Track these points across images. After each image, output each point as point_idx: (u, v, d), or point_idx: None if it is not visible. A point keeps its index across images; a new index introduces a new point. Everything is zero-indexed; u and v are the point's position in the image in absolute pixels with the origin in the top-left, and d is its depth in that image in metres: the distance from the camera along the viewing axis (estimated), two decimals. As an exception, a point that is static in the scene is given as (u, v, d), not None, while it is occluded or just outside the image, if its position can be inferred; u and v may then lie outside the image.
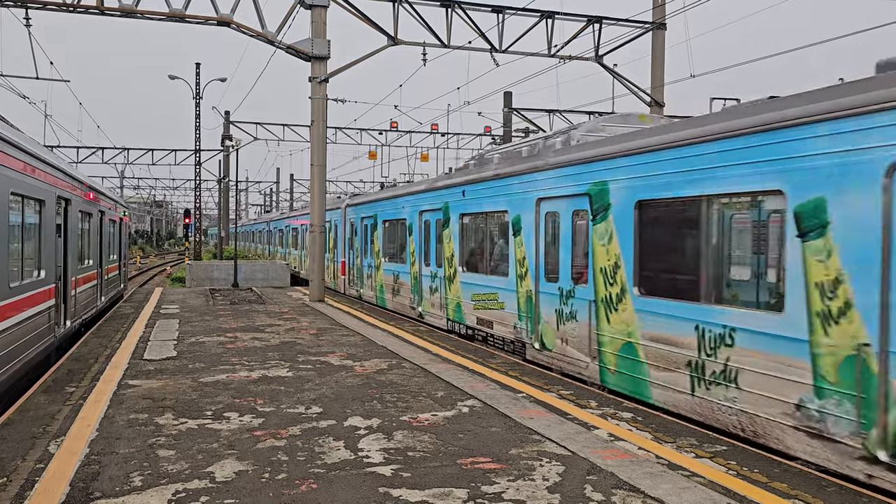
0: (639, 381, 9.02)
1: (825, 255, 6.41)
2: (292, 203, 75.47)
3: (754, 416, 7.09)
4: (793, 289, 6.72)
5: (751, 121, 7.32)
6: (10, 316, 9.12)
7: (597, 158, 10.09)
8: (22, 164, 9.70)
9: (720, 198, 7.85)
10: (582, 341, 10.34)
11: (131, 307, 19.42)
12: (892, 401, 5.75)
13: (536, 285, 11.71)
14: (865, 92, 6.15)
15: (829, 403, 6.29)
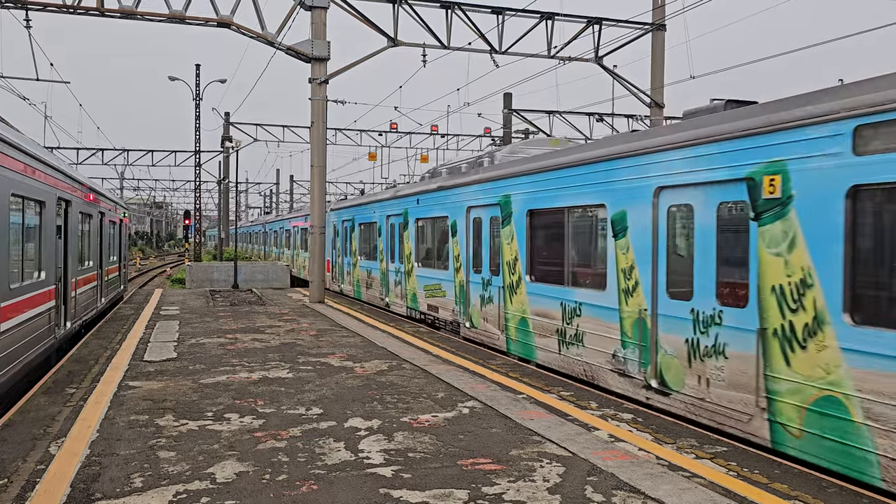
0: (529, 346, 11.79)
1: (625, 250, 9.26)
2: (292, 204, 75.51)
3: (592, 365, 9.97)
4: (610, 273, 9.58)
5: (586, 155, 10.21)
6: (10, 317, 9.12)
7: (504, 176, 12.73)
8: (22, 166, 9.71)
9: (574, 209, 10.71)
10: (495, 319, 13.09)
11: (131, 308, 19.43)
12: (659, 347, 8.58)
13: (467, 276, 14.43)
14: (654, 137, 8.88)
15: (628, 351, 9.13)
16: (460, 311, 14.75)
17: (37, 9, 18.83)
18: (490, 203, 13.25)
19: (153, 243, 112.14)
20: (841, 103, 6.30)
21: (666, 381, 8.41)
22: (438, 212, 15.92)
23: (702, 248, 7.97)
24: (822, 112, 6.46)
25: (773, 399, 6.89)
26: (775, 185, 7.04)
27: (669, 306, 8.39)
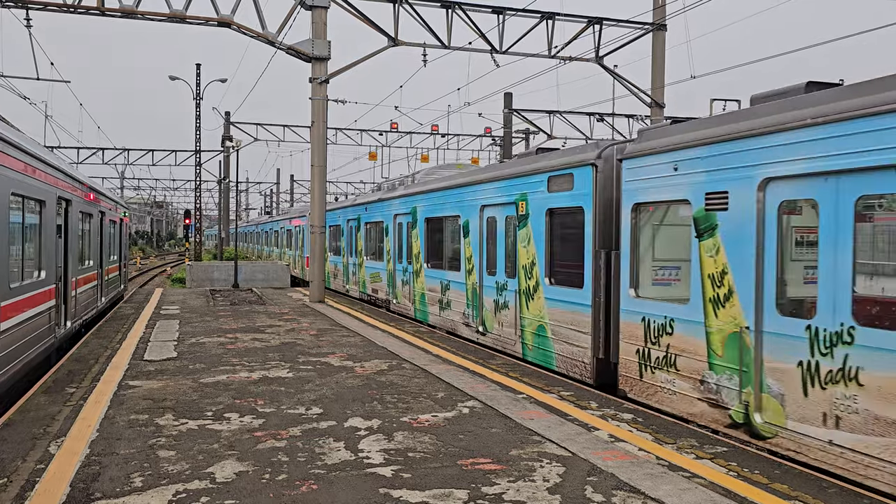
0: (427, 313, 16.95)
1: (469, 246, 14.56)
2: (292, 204, 75.50)
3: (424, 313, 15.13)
4: (464, 257, 14.84)
5: (457, 182, 15.39)
6: (10, 317, 9.12)
7: (413, 193, 18.27)
8: (22, 165, 9.70)
9: (447, 218, 16.12)
10: (409, 295, 18.28)
11: (132, 308, 19.43)
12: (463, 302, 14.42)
13: (394, 266, 19.56)
14: (500, 170, 13.19)
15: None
16: (390, 291, 20.20)
17: (37, 8, 18.82)
18: (405, 212, 18.79)
19: (153, 243, 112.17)
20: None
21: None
22: (378, 218, 21.46)
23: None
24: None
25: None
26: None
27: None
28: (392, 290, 19.44)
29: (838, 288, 6.24)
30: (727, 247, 7.61)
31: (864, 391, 5.95)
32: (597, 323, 10.20)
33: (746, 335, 7.26)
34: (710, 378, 7.79)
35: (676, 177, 8.52)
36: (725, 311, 7.58)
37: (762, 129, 7.20)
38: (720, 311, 7.66)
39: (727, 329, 7.56)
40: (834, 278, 6.28)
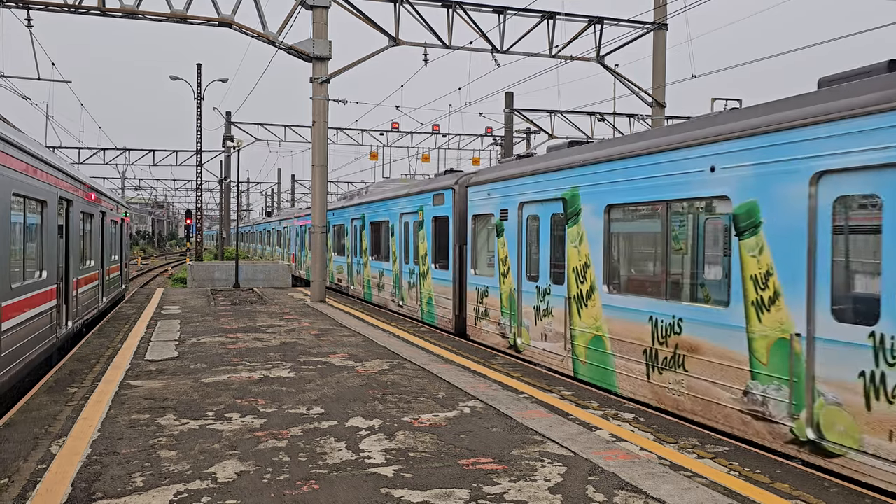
0: (371, 294, 21.65)
1: (394, 243, 19.33)
2: (293, 204, 75.50)
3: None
4: (391, 251, 19.43)
5: (386, 196, 19.99)
6: (12, 316, 9.13)
7: (362, 203, 23.00)
8: (24, 165, 9.71)
9: (382, 222, 20.47)
10: (361, 282, 23.08)
11: (133, 308, 19.43)
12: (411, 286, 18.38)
13: (351, 260, 24.59)
14: (419, 187, 17.37)
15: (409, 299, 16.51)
16: (350, 279, 25.06)
17: (38, 8, 18.83)
18: (357, 217, 23.58)
19: (154, 243, 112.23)
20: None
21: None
22: (342, 221, 26.10)
23: None
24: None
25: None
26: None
27: None
28: (350, 279, 24.97)
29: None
30: (508, 242, 12.68)
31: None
32: (455, 292, 15.27)
33: (514, 294, 12.47)
34: (502, 320, 12.88)
35: (489, 199, 13.57)
36: (508, 280, 12.68)
37: (519, 174, 12.20)
38: (505, 280, 12.76)
39: (508, 290, 12.70)
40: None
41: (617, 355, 9.41)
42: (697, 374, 7.98)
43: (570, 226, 10.61)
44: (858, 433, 6.04)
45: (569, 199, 10.63)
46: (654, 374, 8.70)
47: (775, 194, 7.06)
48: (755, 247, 7.27)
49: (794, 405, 6.68)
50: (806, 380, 6.61)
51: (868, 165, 6.09)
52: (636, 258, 9.70)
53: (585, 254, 10.20)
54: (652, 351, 8.71)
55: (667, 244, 8.65)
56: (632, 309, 9.12)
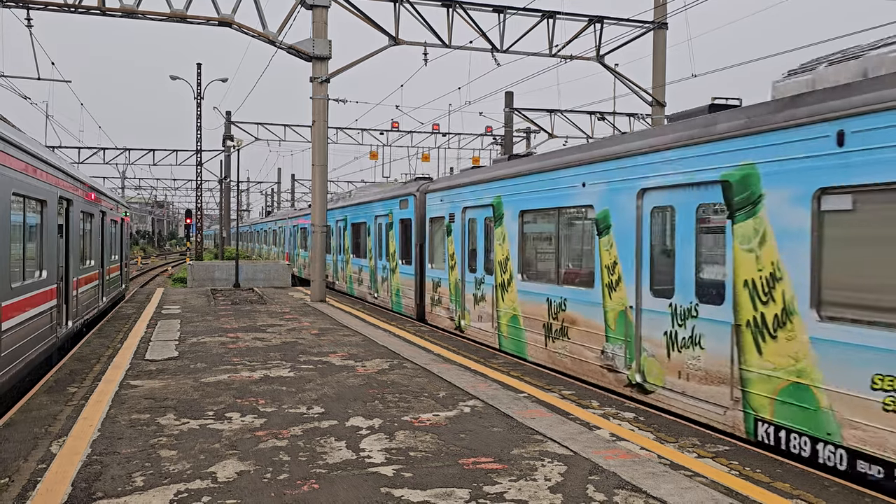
0: (353, 288, 23.99)
1: (369, 242, 22.21)
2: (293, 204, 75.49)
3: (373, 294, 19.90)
4: (367, 249, 22.60)
5: (363, 200, 23.19)
6: (12, 316, 9.13)
7: (343, 206, 25.69)
8: (23, 165, 9.71)
9: (361, 223, 23.08)
10: (344, 277, 25.80)
11: (133, 307, 19.44)
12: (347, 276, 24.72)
13: (336, 257, 26.63)
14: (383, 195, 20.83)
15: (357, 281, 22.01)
16: (330, 274, 28.18)
17: (38, 7, 18.82)
18: (340, 219, 26.35)
19: (154, 242, 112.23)
20: None
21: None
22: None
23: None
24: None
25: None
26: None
27: None
28: (336, 275, 27.17)
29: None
30: (455, 240, 15.20)
31: None
32: (416, 284, 17.79)
33: (459, 284, 14.98)
34: (451, 306, 15.42)
35: (442, 204, 16.02)
36: (454, 273, 15.21)
37: (463, 183, 14.80)
38: (453, 272, 15.28)
39: (454, 281, 15.18)
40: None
41: (527, 329, 11.92)
42: (575, 340, 10.47)
43: (496, 227, 13.16)
44: (663, 375, 8.54)
45: (496, 205, 13.21)
46: (549, 343, 11.21)
47: (619, 204, 9.49)
48: (608, 244, 9.75)
49: (629, 358, 9.20)
50: (635, 339, 9.09)
51: (666, 185, 8.57)
52: (540, 252, 11.98)
53: (507, 249, 12.74)
54: (548, 324, 11.23)
55: (558, 241, 11.20)
56: (536, 293, 11.66)
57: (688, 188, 8.28)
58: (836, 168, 6.48)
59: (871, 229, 6.20)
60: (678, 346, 8.33)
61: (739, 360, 7.45)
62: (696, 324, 8.06)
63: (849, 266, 6.36)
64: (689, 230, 8.24)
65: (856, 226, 6.36)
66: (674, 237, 8.58)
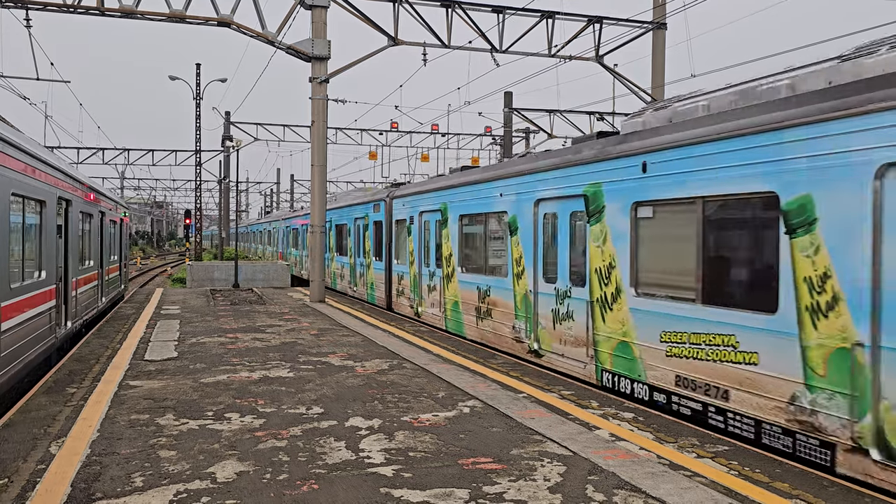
0: (336, 283, 26.64)
1: (349, 242, 24.80)
2: (292, 204, 75.46)
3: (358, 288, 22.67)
4: (347, 248, 25.00)
5: (345, 203, 25.68)
6: (11, 317, 9.12)
7: (329, 209, 27.30)
8: (22, 165, 9.70)
9: (343, 225, 25.45)
10: (329, 273, 27.99)
11: (132, 308, 19.43)
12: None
13: (324, 255, 22.82)
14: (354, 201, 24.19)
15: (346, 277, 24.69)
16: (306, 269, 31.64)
17: (37, 8, 18.82)
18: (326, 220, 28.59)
19: (154, 243, 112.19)
20: None
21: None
22: (296, 226, 34.90)
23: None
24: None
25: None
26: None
27: None
28: (323, 272, 30.77)
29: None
30: (413, 239, 17.62)
31: None
32: (386, 278, 20.17)
33: (417, 276, 17.34)
34: (411, 296, 17.74)
35: (404, 208, 18.47)
36: (413, 267, 17.49)
37: (419, 191, 17.22)
38: (412, 266, 17.58)
39: (413, 274, 17.52)
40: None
41: (465, 312, 14.37)
42: (496, 319, 12.91)
43: (443, 228, 15.59)
44: (550, 342, 11.09)
45: (443, 210, 15.70)
46: (479, 322, 13.66)
47: (523, 211, 11.95)
48: (516, 242, 12.15)
49: (529, 330, 11.73)
50: (534, 315, 11.61)
51: (552, 197, 11.15)
52: (473, 249, 14.33)
53: (450, 246, 15.19)
54: (479, 308, 13.69)
55: (485, 240, 13.58)
56: (472, 282, 14.06)
57: (564, 199, 10.85)
58: (642, 188, 8.98)
59: (662, 230, 8.74)
60: (559, 319, 10.95)
61: (593, 327, 10.06)
62: (570, 302, 10.63)
63: (649, 256, 8.93)
64: (566, 231, 10.86)
65: (654, 228, 8.86)
66: (557, 237, 11.13)
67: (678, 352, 8.26)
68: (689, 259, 8.15)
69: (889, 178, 5.92)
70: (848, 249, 6.22)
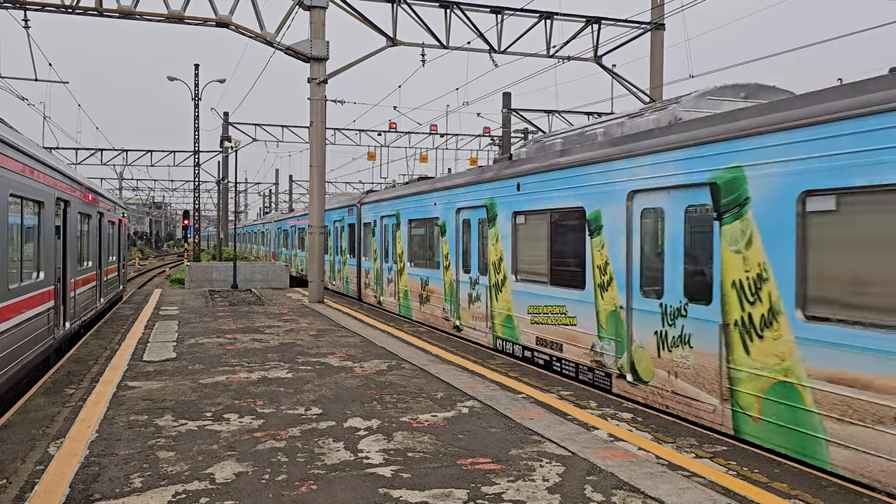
0: (303, 273, 32.36)
1: (331, 242, 27.78)
2: (291, 204, 75.42)
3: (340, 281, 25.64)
4: (332, 247, 27.52)
5: (328, 207, 27.67)
6: (9, 318, 9.11)
7: (301, 215, 35.81)
8: (21, 166, 9.70)
9: (323, 227, 22.14)
10: (299, 267, 35.03)
11: (130, 308, 19.41)
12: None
13: (324, 257, 26.31)
14: None
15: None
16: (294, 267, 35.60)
17: (35, 9, 18.80)
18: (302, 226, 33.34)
19: (152, 243, 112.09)
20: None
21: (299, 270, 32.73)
22: (289, 227, 37.79)
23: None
24: None
25: (308, 273, 23.63)
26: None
27: None
28: (308, 267, 32.93)
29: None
30: (376, 239, 20.58)
31: None
32: (357, 272, 23.19)
33: (379, 271, 20.45)
34: (375, 287, 20.75)
35: (369, 213, 21.64)
36: (377, 263, 20.64)
37: (380, 199, 20.54)
38: (376, 262, 20.68)
39: (377, 269, 20.57)
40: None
41: (412, 300, 17.50)
42: (433, 304, 16.03)
43: (397, 230, 18.65)
44: (468, 319, 14.14)
45: (397, 214, 18.75)
46: (422, 307, 16.78)
47: (449, 217, 15.14)
48: (445, 241, 15.31)
49: (453, 311, 14.90)
50: (456, 300, 14.74)
51: (467, 206, 14.22)
52: (419, 247, 17.23)
53: (402, 245, 18.27)
54: (421, 294, 16.84)
55: (427, 240, 16.64)
56: (417, 274, 17.17)
57: (474, 208, 14.02)
58: (517, 202, 12.24)
59: (530, 232, 11.83)
60: (471, 301, 14.11)
61: (490, 305, 13.23)
62: (478, 287, 13.76)
63: (523, 252, 12.05)
64: (475, 233, 13.98)
65: (526, 231, 11.96)
66: (470, 236, 14.24)
67: (538, 320, 11.42)
68: (544, 253, 11.35)
69: (636, 200, 9.02)
70: (616, 247, 9.32)
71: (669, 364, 8.24)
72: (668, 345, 8.29)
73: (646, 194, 8.77)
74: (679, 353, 8.08)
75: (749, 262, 7.16)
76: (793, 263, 6.65)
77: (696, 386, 7.79)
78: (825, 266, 6.40)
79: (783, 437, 6.70)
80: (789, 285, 6.65)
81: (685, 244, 8.14)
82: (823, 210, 6.44)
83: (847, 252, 6.18)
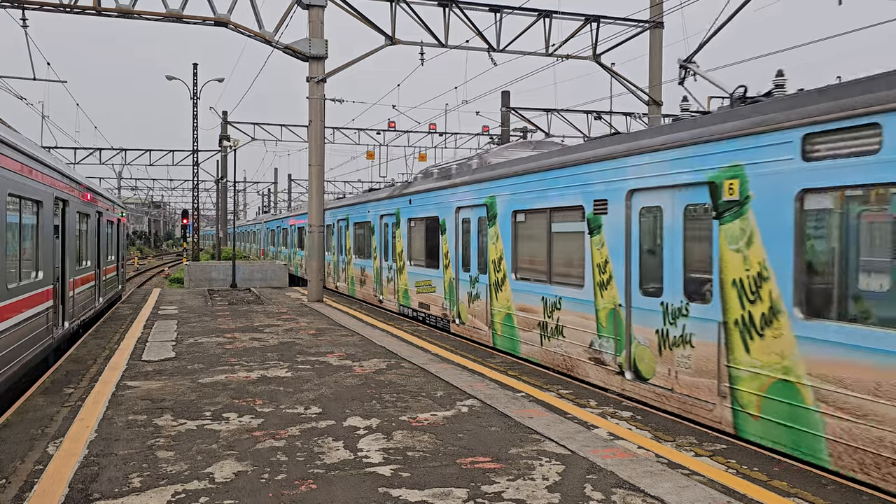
0: (299, 271, 35.23)
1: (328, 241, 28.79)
2: (290, 203, 75.39)
3: None
4: (329, 248, 28.55)
5: (295, 213, 38.05)
6: (8, 317, 9.10)
7: (298, 214, 37.22)
8: (19, 165, 9.68)
9: (301, 227, 33.63)
10: (298, 264, 35.45)
11: (129, 308, 19.40)
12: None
13: (297, 251, 33.23)
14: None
15: None
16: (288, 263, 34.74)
17: (33, 8, 18.77)
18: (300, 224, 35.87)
19: (151, 243, 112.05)
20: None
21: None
22: (284, 226, 42.29)
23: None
24: None
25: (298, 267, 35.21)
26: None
27: None
28: (290, 261, 34.85)
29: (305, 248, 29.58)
30: (351, 238, 24.14)
31: None
32: (321, 265, 22.40)
33: (355, 268, 23.55)
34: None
35: (336, 215, 26.08)
36: (349, 259, 24.36)
37: (340, 205, 25.71)
38: (351, 258, 24.07)
39: (357, 264, 23.35)
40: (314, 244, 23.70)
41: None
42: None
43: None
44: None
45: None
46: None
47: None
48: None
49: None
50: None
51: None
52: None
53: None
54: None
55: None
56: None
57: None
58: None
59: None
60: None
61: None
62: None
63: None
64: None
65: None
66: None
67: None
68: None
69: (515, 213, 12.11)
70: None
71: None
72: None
73: (465, 210, 14.42)
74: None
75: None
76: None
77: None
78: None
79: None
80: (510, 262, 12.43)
81: None
82: (521, 220, 12.63)
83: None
